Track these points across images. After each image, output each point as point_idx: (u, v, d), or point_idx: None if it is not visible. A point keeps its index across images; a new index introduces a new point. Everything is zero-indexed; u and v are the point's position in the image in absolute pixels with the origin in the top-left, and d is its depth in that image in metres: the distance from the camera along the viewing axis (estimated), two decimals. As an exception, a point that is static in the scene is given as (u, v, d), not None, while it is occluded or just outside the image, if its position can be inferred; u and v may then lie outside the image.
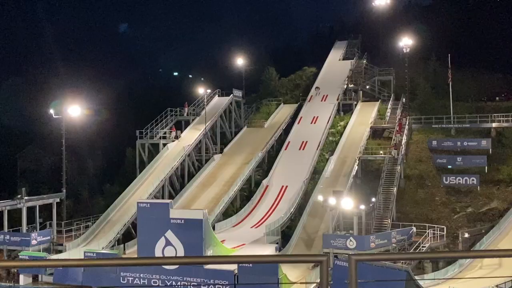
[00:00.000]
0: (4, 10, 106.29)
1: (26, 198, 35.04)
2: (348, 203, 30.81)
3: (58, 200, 37.83)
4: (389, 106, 52.07)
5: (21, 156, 69.01)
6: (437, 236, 33.66)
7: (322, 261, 3.15)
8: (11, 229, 35.06)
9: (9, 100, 74.68)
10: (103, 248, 34.63)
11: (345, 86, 57.05)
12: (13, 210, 35.41)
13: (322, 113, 52.81)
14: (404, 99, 52.92)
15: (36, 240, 34.38)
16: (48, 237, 35.64)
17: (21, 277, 31.28)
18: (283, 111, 57.21)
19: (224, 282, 26.96)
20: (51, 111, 41.27)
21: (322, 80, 59.80)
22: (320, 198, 34.32)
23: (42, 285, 31.00)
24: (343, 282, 4.05)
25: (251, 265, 24.62)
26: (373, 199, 35.47)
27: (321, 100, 55.73)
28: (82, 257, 30.90)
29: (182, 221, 28.20)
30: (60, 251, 34.96)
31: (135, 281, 28.75)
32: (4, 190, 49.32)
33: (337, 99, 54.83)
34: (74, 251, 34.22)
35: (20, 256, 32.51)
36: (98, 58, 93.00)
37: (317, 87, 57.30)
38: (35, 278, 31.55)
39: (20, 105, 72.43)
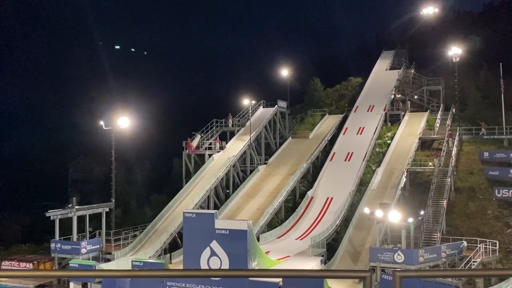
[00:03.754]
0: (59, 28, 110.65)
1: (76, 207, 36.02)
2: (395, 216, 30.15)
3: (107, 209, 38.71)
4: (439, 116, 50.84)
5: (72, 166, 71.34)
6: (489, 251, 32.44)
7: (366, 277, 3.10)
8: (62, 238, 36.10)
9: (64, 113, 77.49)
10: (150, 257, 35.17)
11: (393, 96, 56.16)
12: (65, 219, 36.48)
13: (368, 123, 52.13)
14: (454, 110, 51.58)
15: (85, 248, 35.28)
16: (97, 246, 36.50)
17: (71, 284, 32.14)
18: (328, 122, 56.82)
19: (269, 294, 26.79)
20: (101, 122, 42.43)
21: (368, 90, 59.13)
22: (366, 210, 33.75)
23: (91, 293, 31.74)
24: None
25: (296, 277, 24.41)
26: (422, 212, 34.57)
27: (368, 111, 55.07)
28: (130, 266, 31.48)
29: (227, 231, 28.32)
30: (108, 260, 35.72)
31: (180, 291, 29.01)
32: (56, 200, 51.06)
33: (384, 110, 54.01)
34: (122, 260, 34.91)
35: (70, 264, 33.42)
36: (149, 71, 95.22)
37: None
38: (84, 286, 32.35)
39: (73, 117, 75.07)
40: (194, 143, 49.33)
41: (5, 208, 60.12)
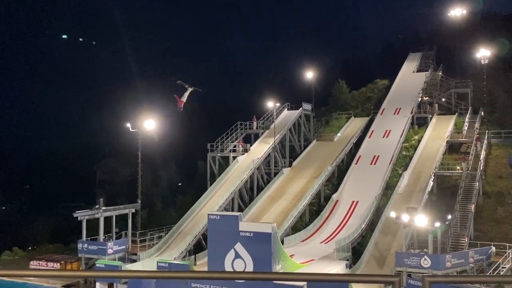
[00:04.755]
0: (86, 32, 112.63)
1: (103, 208, 36.45)
2: (422, 220, 29.71)
3: (133, 210, 39.09)
4: (467, 119, 50.00)
5: (99, 168, 72.36)
6: (519, 257, 31.68)
7: (394, 282, 3.03)
8: (89, 238, 36.59)
9: (91, 116, 78.75)
10: (175, 258, 35.39)
11: (420, 99, 55.45)
12: (92, 220, 36.97)
13: (394, 126, 51.55)
14: (482, 113, 50.65)
15: (112, 249, 35.67)
16: (124, 247, 36.87)
17: (97, 284, 32.54)
18: (354, 125, 56.38)
19: (293, 297, 26.64)
20: (128, 124, 42.90)
21: (395, 93, 58.52)
22: (392, 214, 33.34)
23: (117, 293, 32.06)
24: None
25: (320, 281, 24.20)
26: (449, 217, 34.00)
27: (394, 113, 54.48)
28: (155, 266, 31.74)
29: (251, 234, 28.28)
30: (134, 261, 36.07)
31: (205, 292, 29.08)
32: (83, 200, 51.87)
33: (411, 112, 53.35)
34: (147, 261, 35.21)
35: (96, 264, 33.85)
36: (174, 73, 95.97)
37: None
38: (110, 286, 32.71)
39: (100, 120, 76.22)
40: (184, 97, 43.41)
41: (34, 209, 61.34)
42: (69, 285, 33.32)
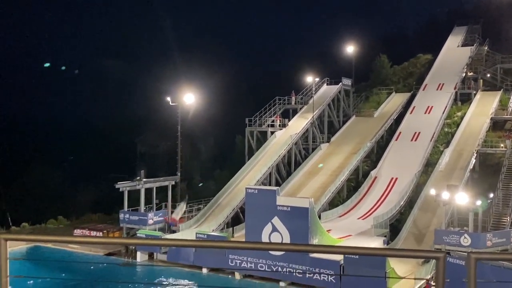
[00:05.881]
0: (128, 10, 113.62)
1: (144, 180, 37.15)
2: (463, 198, 29.13)
3: (173, 183, 39.72)
4: (513, 96, 48.34)
5: (140, 141, 73.67)
6: None
7: (439, 257, 2.97)
8: (130, 209, 37.51)
9: (135, 90, 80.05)
10: (213, 230, 35.96)
11: (464, 74, 53.82)
12: (133, 191, 37.78)
13: (437, 102, 50.35)
14: (530, 89, 48.81)
15: (152, 220, 36.50)
16: (163, 218, 37.67)
17: (138, 254, 33.48)
18: (395, 100, 55.33)
19: (330, 272, 26.81)
20: (168, 98, 43.31)
21: (438, 68, 56.96)
22: (432, 192, 32.82)
23: (156, 263, 32.94)
24: (456, 280, 3.83)
25: (357, 256, 24.23)
26: (491, 195, 33.21)
27: (437, 89, 53.15)
28: (194, 238, 32.34)
29: (289, 208, 28.42)
30: (173, 232, 36.85)
31: (242, 264, 29.57)
32: (125, 172, 52.99)
33: (454, 88, 51.92)
34: (186, 232, 35.90)
35: (137, 234, 34.75)
36: (213, 48, 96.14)
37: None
38: (150, 256, 33.59)
39: (142, 94, 77.37)
40: (178, 214, 38.37)
41: (78, 180, 63.23)
42: (111, 253, 34.37)
